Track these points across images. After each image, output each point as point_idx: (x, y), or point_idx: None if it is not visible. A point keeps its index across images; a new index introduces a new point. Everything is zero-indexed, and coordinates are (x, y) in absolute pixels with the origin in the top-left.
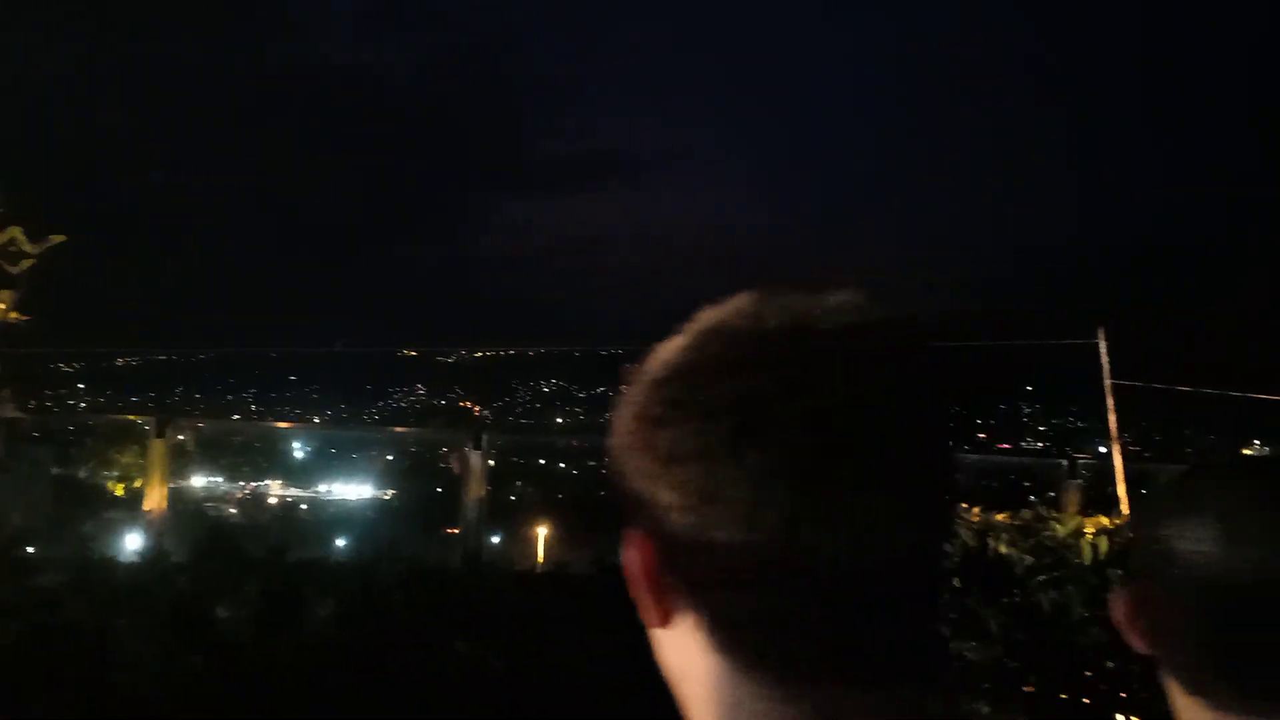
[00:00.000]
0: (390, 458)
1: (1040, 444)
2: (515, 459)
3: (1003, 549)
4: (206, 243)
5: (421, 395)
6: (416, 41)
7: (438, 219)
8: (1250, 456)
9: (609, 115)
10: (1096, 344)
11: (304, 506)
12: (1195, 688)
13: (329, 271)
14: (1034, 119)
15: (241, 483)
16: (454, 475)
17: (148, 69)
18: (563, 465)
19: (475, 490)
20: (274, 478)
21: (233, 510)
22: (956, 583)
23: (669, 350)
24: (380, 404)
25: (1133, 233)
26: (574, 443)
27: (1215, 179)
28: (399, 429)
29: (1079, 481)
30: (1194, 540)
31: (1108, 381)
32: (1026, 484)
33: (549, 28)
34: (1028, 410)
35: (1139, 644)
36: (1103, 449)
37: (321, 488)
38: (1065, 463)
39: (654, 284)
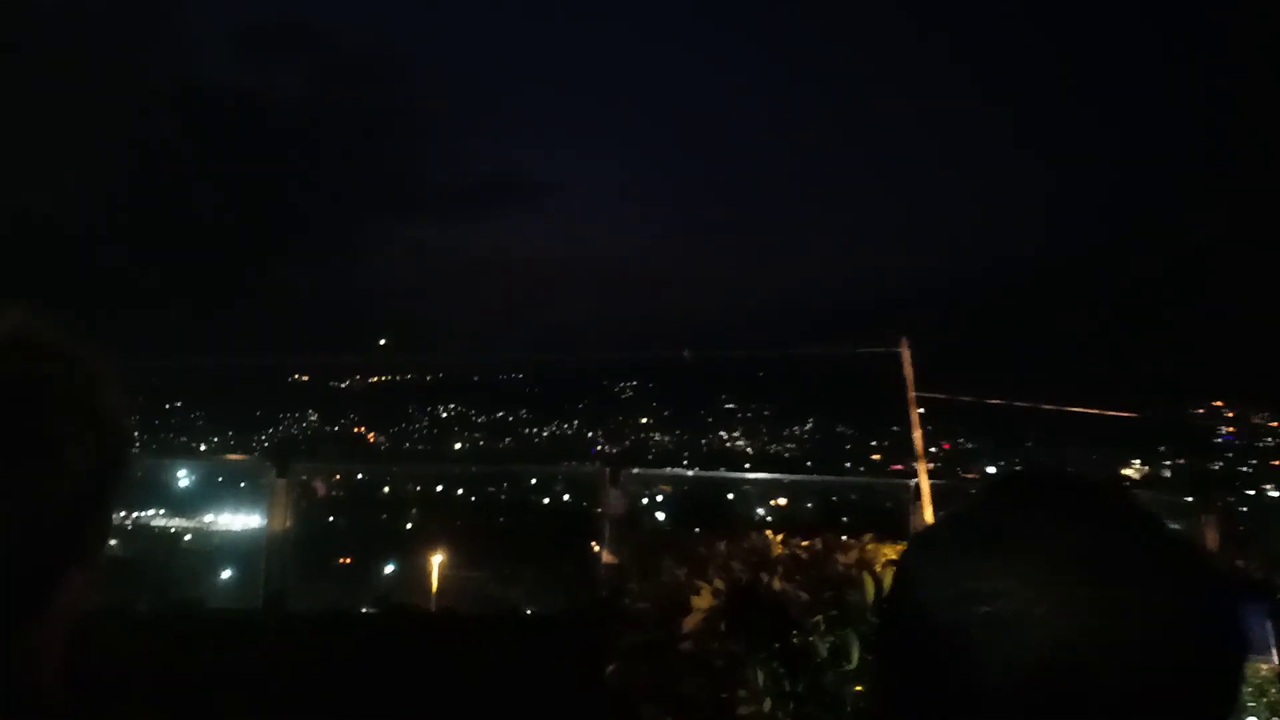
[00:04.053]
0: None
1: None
2: (412, 485)
3: (777, 584)
4: (93, 266)
5: (314, 422)
6: (303, 65)
7: (332, 243)
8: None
9: (506, 142)
10: (901, 353)
11: (188, 538)
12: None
13: (219, 297)
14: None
15: (122, 513)
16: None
17: (18, 91)
18: (460, 491)
19: (277, 521)
20: (156, 507)
21: (112, 542)
22: (722, 627)
23: None
24: (270, 430)
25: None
26: (473, 469)
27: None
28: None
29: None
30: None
31: (911, 394)
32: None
33: (451, 53)
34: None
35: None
36: (990, 469)
37: (207, 518)
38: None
39: (549, 305)
